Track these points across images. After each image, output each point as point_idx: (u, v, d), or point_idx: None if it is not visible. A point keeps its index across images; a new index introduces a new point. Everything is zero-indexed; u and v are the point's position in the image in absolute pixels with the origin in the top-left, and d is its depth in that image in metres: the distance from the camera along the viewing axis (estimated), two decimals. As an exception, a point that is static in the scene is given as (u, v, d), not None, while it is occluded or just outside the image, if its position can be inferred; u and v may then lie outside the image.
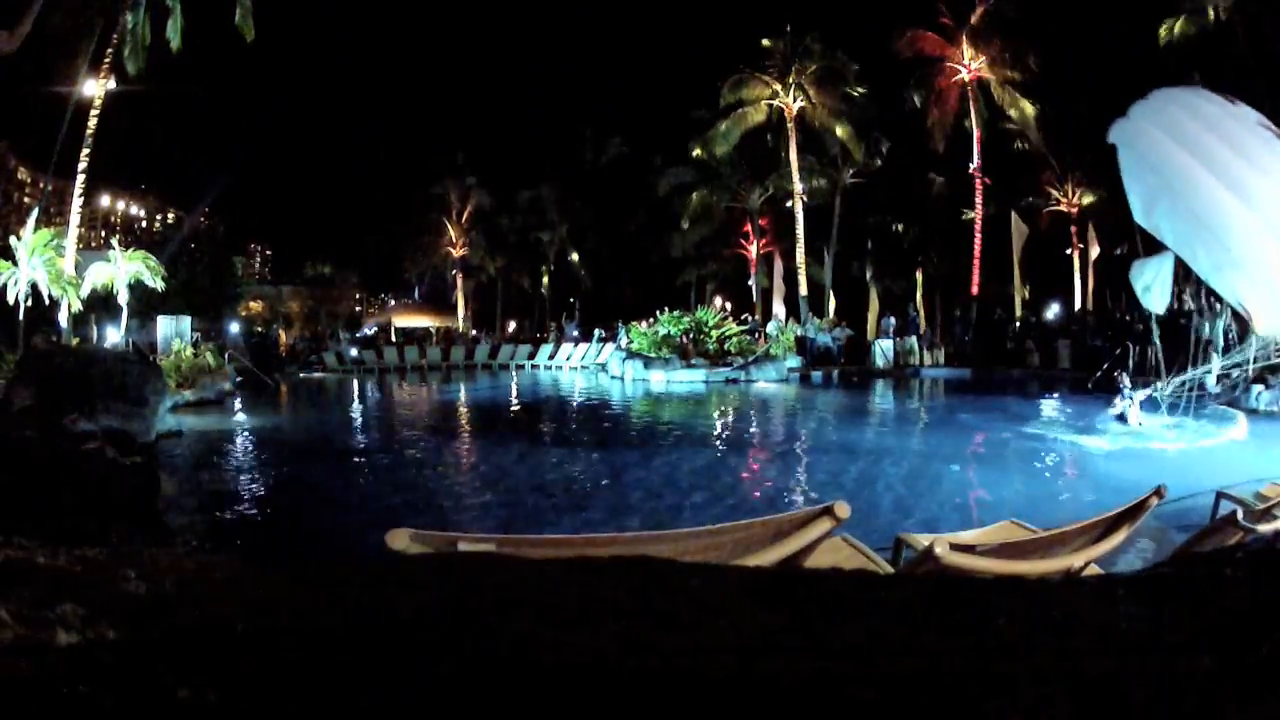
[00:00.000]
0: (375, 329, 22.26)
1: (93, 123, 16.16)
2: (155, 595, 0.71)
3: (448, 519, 5.27)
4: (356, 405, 14.21)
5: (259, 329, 26.10)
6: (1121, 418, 8.92)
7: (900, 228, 27.90)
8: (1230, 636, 0.65)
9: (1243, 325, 13.41)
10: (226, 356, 16.54)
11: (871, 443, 8.64)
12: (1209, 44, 18.99)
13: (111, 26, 15.92)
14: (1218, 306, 12.89)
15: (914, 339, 19.53)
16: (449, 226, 32.40)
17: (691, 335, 17.64)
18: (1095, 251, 24.40)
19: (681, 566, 0.91)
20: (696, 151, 24.84)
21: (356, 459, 8.20)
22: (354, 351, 22.43)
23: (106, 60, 16.12)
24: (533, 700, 0.53)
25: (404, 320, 30.02)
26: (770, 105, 23.78)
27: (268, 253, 74.51)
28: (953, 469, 6.96)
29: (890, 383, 16.60)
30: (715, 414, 11.66)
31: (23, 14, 13.36)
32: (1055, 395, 12.61)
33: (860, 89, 23.72)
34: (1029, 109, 21.84)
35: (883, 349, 18.83)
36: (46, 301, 14.38)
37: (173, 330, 17.05)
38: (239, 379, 15.87)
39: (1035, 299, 23.93)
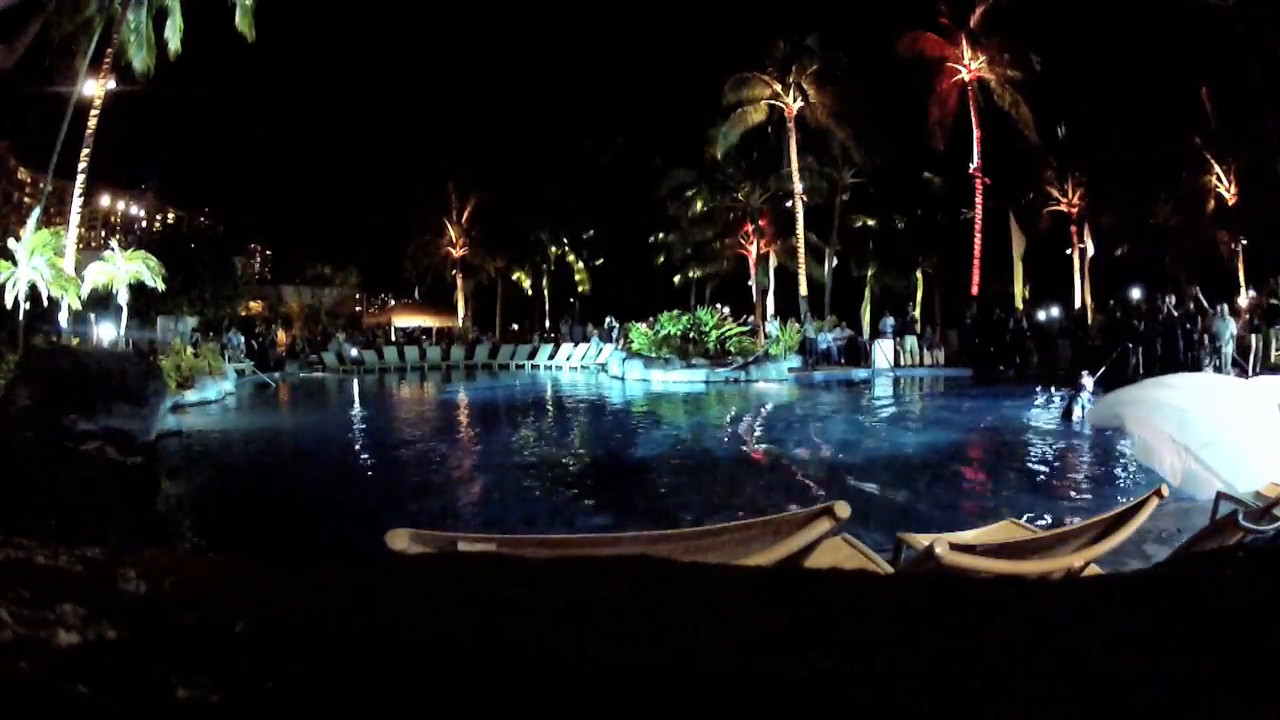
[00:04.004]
0: (359, 351, 22.18)
1: (93, 123, 16.15)
2: (155, 595, 0.71)
3: (447, 518, 5.27)
4: (357, 405, 14.22)
5: (259, 329, 26.07)
6: (1067, 414, 9.34)
7: (900, 227, 27.87)
8: (1230, 636, 0.65)
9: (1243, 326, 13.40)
10: (226, 356, 16.55)
11: (872, 441, 8.64)
12: (1209, 44, 19.02)
13: (112, 26, 15.92)
14: (1218, 309, 12.92)
15: (913, 339, 19.53)
16: (449, 226, 32.37)
17: (692, 335, 17.64)
18: (1094, 251, 24.43)
19: (681, 566, 0.91)
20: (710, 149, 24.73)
21: (356, 459, 8.20)
22: (354, 351, 22.45)
23: (106, 60, 16.12)
24: (533, 701, 0.53)
25: (404, 320, 29.99)
26: (770, 105, 23.78)
27: (268, 253, 74.41)
28: (953, 465, 6.96)
29: (890, 383, 16.61)
30: (717, 414, 11.66)
31: (21, 30, 13.40)
32: (1048, 395, 12.60)
33: (860, 89, 23.71)
34: (1027, 109, 21.88)
35: (882, 349, 18.82)
36: (46, 302, 14.38)
37: (173, 330, 17.06)
38: (239, 378, 15.88)
39: (1035, 299, 23.92)
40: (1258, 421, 4.83)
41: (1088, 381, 9.55)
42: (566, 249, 34.21)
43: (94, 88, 16.16)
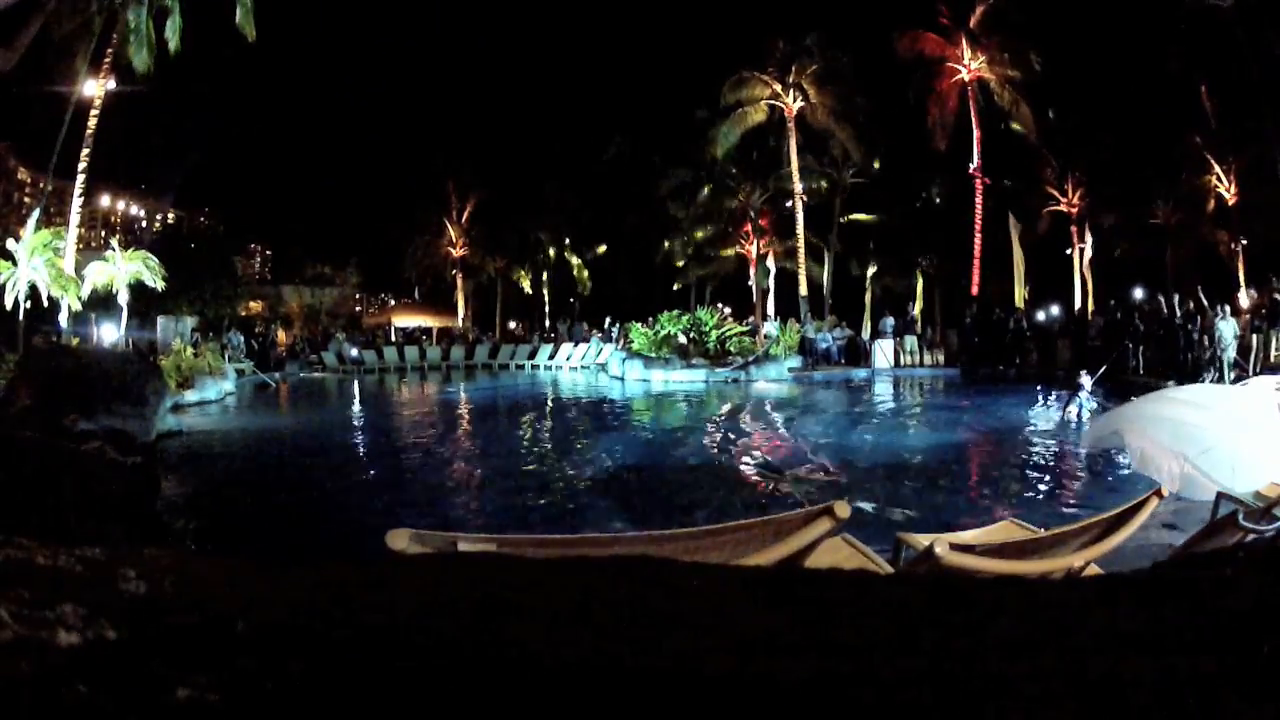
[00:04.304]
0: (359, 351, 22.27)
1: (93, 123, 16.15)
2: (155, 595, 0.71)
3: (448, 518, 5.27)
4: (357, 406, 14.21)
5: (259, 329, 26.07)
6: (1065, 414, 9.55)
7: (900, 227, 27.87)
8: (1231, 637, 0.65)
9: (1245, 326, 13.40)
10: (226, 356, 16.55)
11: (870, 444, 8.64)
12: (1209, 44, 19.01)
13: (112, 26, 15.92)
14: (1220, 309, 12.91)
15: (913, 339, 19.53)
16: (449, 226, 32.38)
17: (692, 335, 17.65)
18: (1094, 251, 24.45)
19: (681, 566, 0.91)
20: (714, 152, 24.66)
21: (356, 460, 8.20)
22: (354, 351, 22.45)
23: (106, 60, 16.11)
24: (533, 701, 0.53)
25: (404, 320, 30.01)
26: (770, 105, 23.77)
27: (268, 253, 74.46)
28: (951, 468, 6.96)
29: (890, 384, 16.61)
30: (716, 415, 11.66)
31: (19, 31, 13.39)
32: (1047, 395, 12.60)
33: (860, 89, 23.70)
34: (1028, 109, 21.90)
35: (882, 349, 18.82)
36: (46, 302, 14.39)
37: (173, 330, 17.06)
38: (239, 378, 15.88)
39: (1035, 299, 23.95)
40: (1256, 424, 4.84)
41: (1086, 381, 9.60)
42: (567, 249, 34.21)
43: (94, 88, 16.15)
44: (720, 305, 26.91)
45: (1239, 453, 4.53)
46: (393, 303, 37.87)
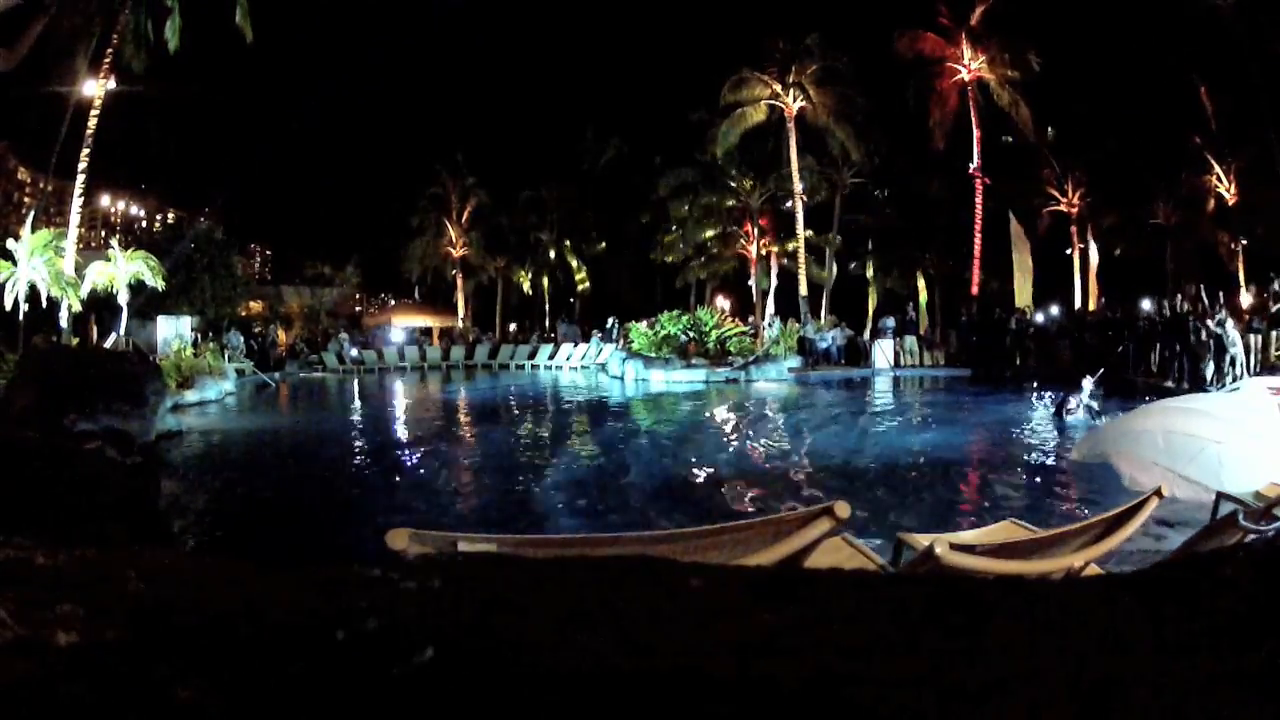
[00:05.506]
0: (359, 350, 22.33)
1: (93, 123, 16.14)
2: (155, 595, 0.71)
3: (447, 518, 5.27)
4: (357, 406, 14.21)
5: (258, 329, 26.03)
6: (1069, 412, 9.58)
7: (901, 227, 27.86)
8: (1230, 637, 0.65)
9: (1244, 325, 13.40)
10: (226, 356, 16.55)
11: (872, 439, 8.65)
12: (1209, 44, 19.03)
13: (112, 26, 15.91)
14: (1220, 309, 12.91)
15: (913, 339, 19.52)
16: (449, 226, 32.36)
17: (692, 335, 17.65)
18: (1095, 251, 24.45)
19: (681, 566, 0.91)
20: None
21: (356, 460, 8.20)
22: (354, 351, 22.45)
23: (106, 60, 16.10)
24: (533, 702, 0.53)
25: (404, 320, 29.97)
26: (770, 105, 23.76)
27: (268, 253, 74.43)
28: (947, 470, 6.96)
29: (889, 384, 16.61)
30: (715, 414, 11.66)
31: (22, 33, 13.38)
32: (1045, 395, 12.60)
33: (860, 89, 23.71)
34: (1027, 109, 21.91)
35: (882, 349, 18.82)
36: (45, 303, 14.38)
37: (173, 330, 17.07)
38: (239, 378, 15.89)
39: (1036, 299, 23.95)
40: (1251, 427, 4.86)
41: (1087, 384, 9.60)
42: (567, 249, 34.21)
43: (94, 88, 16.14)
44: (720, 305, 26.89)
45: (1226, 456, 4.57)
46: (393, 303, 37.80)
